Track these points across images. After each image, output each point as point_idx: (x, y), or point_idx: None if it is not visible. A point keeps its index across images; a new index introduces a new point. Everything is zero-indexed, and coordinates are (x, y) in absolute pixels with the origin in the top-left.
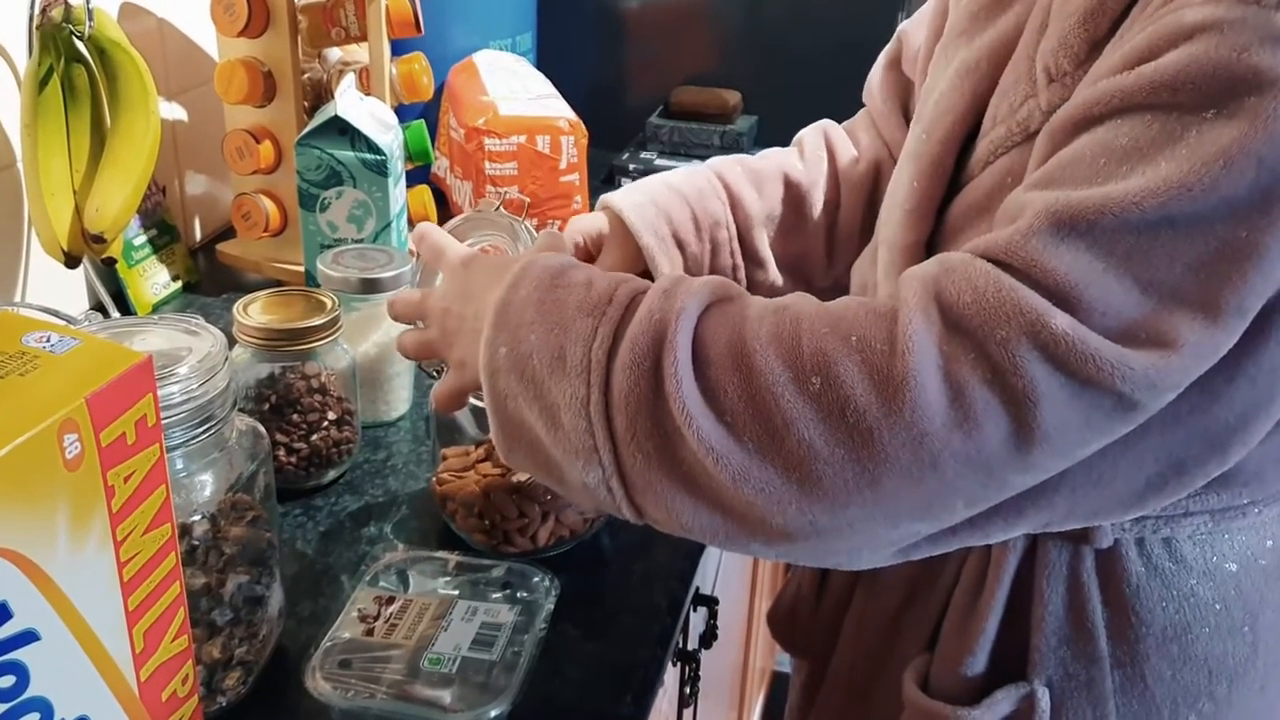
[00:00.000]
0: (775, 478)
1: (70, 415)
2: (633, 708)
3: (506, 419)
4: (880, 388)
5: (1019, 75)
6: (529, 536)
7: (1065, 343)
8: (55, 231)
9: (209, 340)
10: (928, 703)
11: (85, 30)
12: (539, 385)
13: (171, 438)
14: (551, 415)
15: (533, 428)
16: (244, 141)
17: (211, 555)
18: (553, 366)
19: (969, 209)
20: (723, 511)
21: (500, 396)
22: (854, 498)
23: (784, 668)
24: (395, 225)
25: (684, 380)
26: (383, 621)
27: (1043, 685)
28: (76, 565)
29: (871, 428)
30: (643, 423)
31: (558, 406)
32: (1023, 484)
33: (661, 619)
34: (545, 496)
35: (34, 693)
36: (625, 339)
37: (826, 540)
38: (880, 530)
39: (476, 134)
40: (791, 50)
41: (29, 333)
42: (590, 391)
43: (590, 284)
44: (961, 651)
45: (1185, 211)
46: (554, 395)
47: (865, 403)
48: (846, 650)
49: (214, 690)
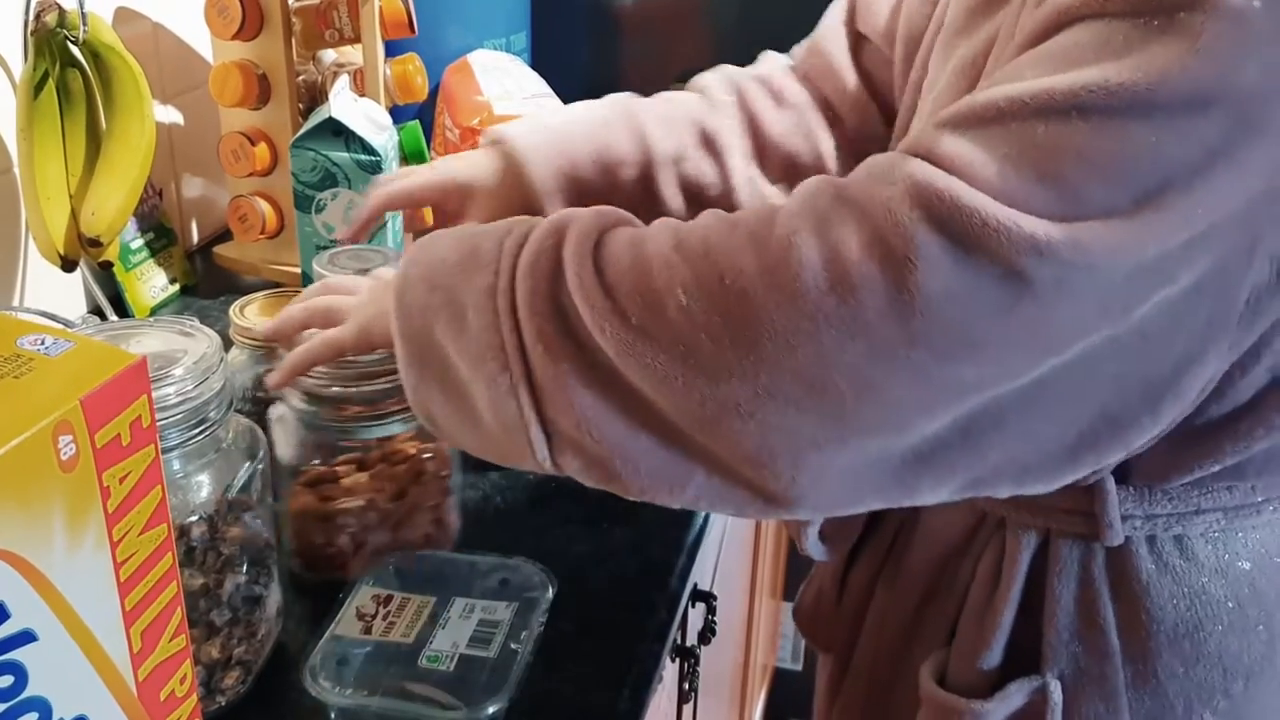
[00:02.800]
0: (660, 352)
1: (65, 417)
2: (630, 704)
3: (414, 337)
4: (759, 251)
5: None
6: (339, 566)
7: (950, 200)
8: (52, 236)
9: (204, 342)
10: (943, 696)
11: (80, 35)
12: (449, 289)
13: (168, 439)
14: (459, 317)
15: (440, 342)
16: (239, 144)
17: (209, 556)
18: (463, 265)
19: None
20: (620, 401)
21: (408, 311)
22: (734, 367)
23: (786, 664)
24: (390, 226)
25: (581, 258)
26: (381, 620)
27: (1055, 679)
28: (73, 566)
29: (746, 289)
30: (540, 304)
31: (465, 305)
32: (913, 369)
33: (659, 615)
34: (354, 527)
35: (32, 693)
36: (532, 234)
37: (731, 439)
38: (773, 418)
39: (472, 134)
40: (785, 46)
41: (23, 335)
42: (498, 279)
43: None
44: (978, 646)
45: (1098, 105)
46: (462, 294)
47: (743, 264)
48: (868, 646)
49: (213, 690)
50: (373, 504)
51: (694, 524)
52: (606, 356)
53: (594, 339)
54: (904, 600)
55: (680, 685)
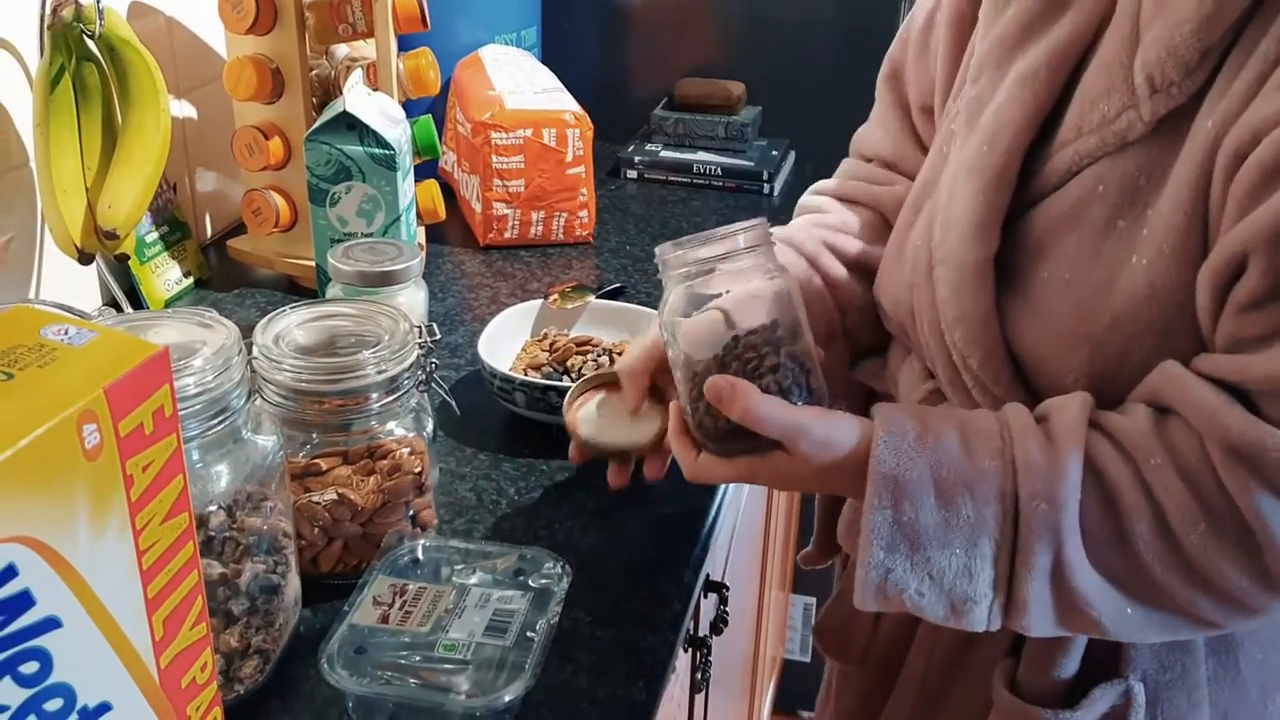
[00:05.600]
0: (1169, 627)
1: (89, 406)
2: (644, 693)
3: (886, 605)
4: (1260, 580)
5: (1110, 85)
6: (310, 559)
7: None
8: (68, 229)
9: (223, 333)
10: (1023, 707)
11: (96, 29)
12: (935, 592)
13: (187, 429)
14: (953, 608)
15: (923, 608)
16: (253, 138)
17: (228, 545)
18: (955, 581)
19: (1054, 221)
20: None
21: (884, 594)
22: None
23: (795, 656)
24: (404, 219)
25: (1082, 579)
26: (397, 609)
27: (1138, 680)
28: (97, 553)
29: (1249, 605)
30: (1039, 615)
31: (957, 607)
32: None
33: (672, 605)
34: (327, 520)
35: (57, 679)
36: (1020, 555)
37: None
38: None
39: (483, 128)
40: (795, 40)
41: (47, 325)
42: (996, 595)
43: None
44: (1054, 654)
45: None
46: (955, 599)
47: (1243, 590)
48: (919, 658)
49: (232, 679)
50: (344, 498)
51: (707, 515)
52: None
53: (1091, 618)
54: None
55: (693, 675)
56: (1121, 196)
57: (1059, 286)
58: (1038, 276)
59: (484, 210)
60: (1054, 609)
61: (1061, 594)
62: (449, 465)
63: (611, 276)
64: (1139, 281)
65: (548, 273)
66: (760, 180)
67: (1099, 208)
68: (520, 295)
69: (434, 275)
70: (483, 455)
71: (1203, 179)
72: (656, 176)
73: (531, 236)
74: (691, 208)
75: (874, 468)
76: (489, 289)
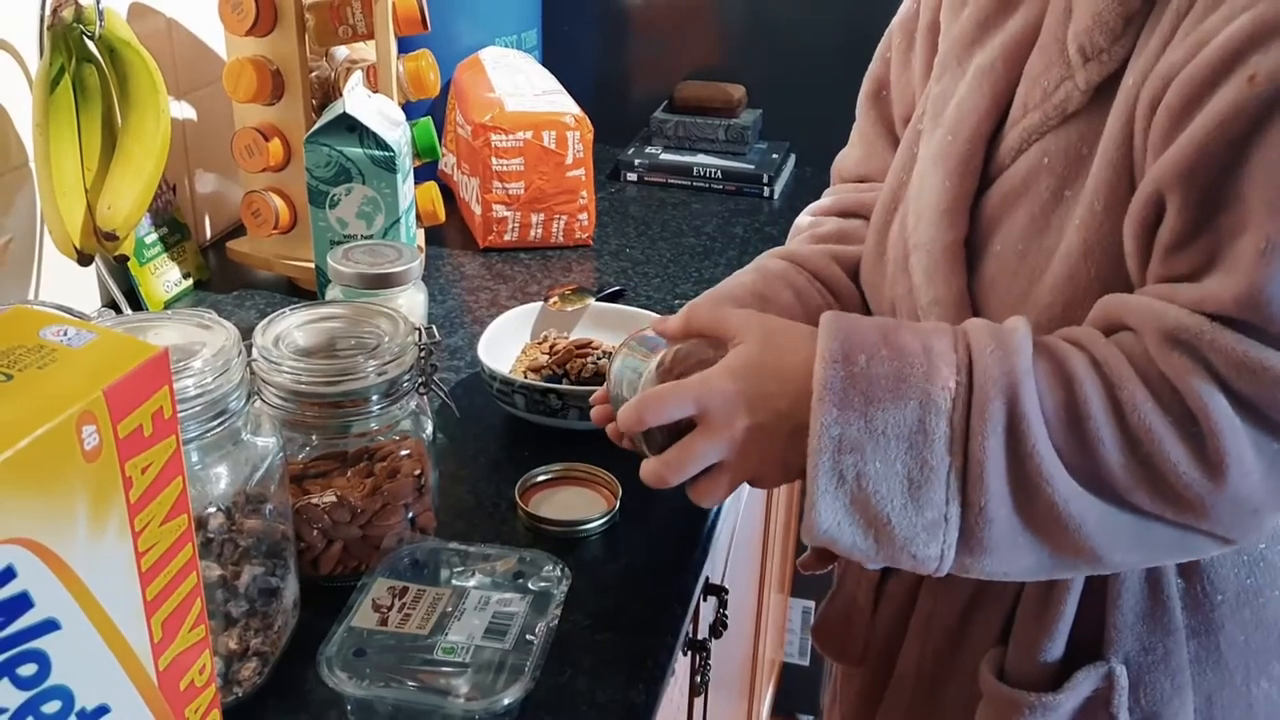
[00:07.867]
0: (1124, 526)
1: (88, 407)
2: (644, 696)
3: (840, 495)
4: (1202, 467)
5: (1049, 61)
6: (309, 561)
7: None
8: (68, 230)
9: (222, 335)
10: (1008, 692)
11: (96, 30)
12: (889, 456)
13: (186, 431)
14: (911, 486)
15: (877, 504)
16: (253, 139)
17: (227, 547)
18: (911, 439)
19: (1005, 198)
20: (1053, 552)
21: (839, 474)
22: (1174, 552)
23: (794, 659)
24: (404, 221)
25: (1039, 442)
26: (396, 612)
27: (1120, 662)
28: (95, 555)
29: (1196, 498)
30: (998, 486)
31: (915, 481)
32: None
33: (672, 608)
34: (326, 522)
35: (55, 681)
36: (975, 408)
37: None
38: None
39: (483, 130)
40: (795, 43)
41: (46, 326)
42: (952, 459)
43: (902, 351)
44: (1039, 638)
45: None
46: (911, 466)
47: (1190, 478)
48: (913, 652)
49: (230, 681)
50: (343, 500)
51: (706, 518)
52: (1060, 528)
53: (1051, 514)
54: (952, 603)
55: (692, 678)
56: (1066, 167)
57: (1013, 258)
58: (991, 250)
59: (484, 212)
60: (1009, 481)
61: (1017, 459)
62: (448, 468)
63: (611, 279)
64: (1074, 240)
65: (547, 275)
66: (760, 183)
67: (1046, 179)
68: (520, 298)
69: (434, 277)
70: (482, 458)
71: (1125, 132)
72: (656, 179)
73: (531, 239)
74: (691, 210)
75: (825, 325)
76: (489, 291)
